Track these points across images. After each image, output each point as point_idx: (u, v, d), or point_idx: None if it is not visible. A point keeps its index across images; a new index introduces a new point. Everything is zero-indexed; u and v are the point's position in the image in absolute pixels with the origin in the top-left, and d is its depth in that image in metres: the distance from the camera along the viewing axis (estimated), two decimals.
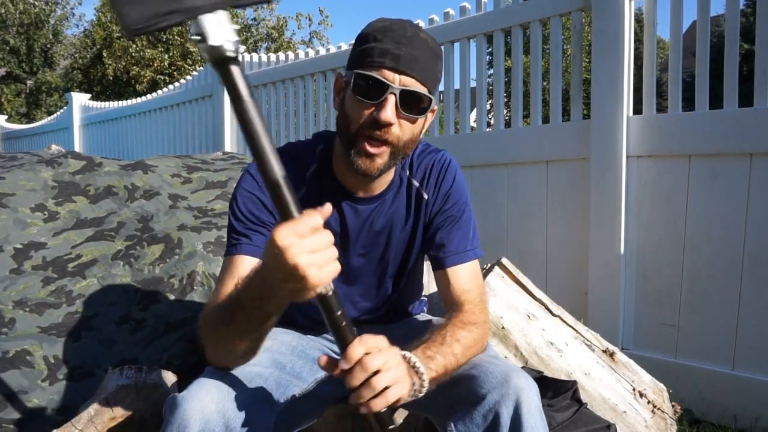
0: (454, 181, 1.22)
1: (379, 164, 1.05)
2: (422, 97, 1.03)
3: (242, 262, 1.08)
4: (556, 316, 1.85)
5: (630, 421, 1.72)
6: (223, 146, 4.84)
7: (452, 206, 1.21)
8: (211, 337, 1.00)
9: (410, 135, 1.07)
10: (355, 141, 1.05)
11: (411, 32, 1.03)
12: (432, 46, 1.06)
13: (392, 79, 1.01)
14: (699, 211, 2.31)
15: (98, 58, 15.77)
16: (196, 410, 0.91)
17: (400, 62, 1.01)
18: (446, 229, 1.20)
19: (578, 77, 2.73)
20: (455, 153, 1.37)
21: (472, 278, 1.20)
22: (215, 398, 0.94)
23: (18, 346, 1.58)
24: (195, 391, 0.95)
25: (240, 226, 1.11)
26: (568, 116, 2.84)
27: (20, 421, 1.43)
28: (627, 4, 2.44)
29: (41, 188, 2.05)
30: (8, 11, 17.11)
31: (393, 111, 1.01)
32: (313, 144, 1.20)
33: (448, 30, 3.17)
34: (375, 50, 1.02)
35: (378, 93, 1.01)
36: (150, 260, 1.89)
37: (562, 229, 2.71)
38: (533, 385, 1.03)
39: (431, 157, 1.22)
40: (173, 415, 0.92)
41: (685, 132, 2.32)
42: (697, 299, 2.33)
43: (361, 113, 1.03)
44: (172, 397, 0.96)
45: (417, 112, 1.04)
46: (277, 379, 1.10)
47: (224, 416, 0.93)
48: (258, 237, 1.10)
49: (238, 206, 1.12)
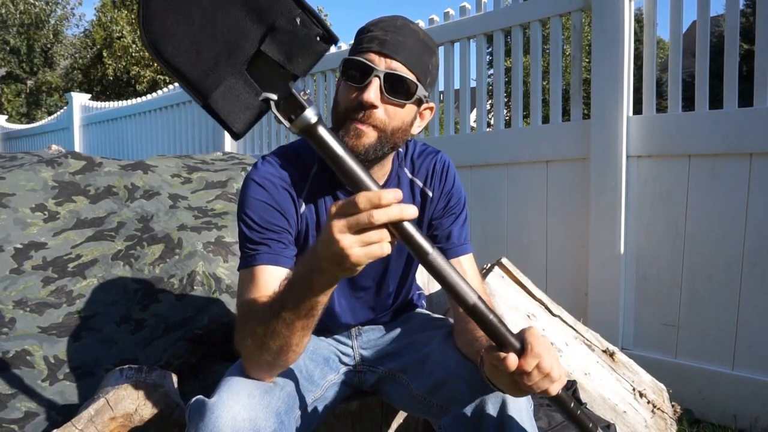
0: (455, 181, 1.27)
1: (365, 143, 1.05)
2: (408, 81, 1.04)
3: (264, 272, 1.06)
4: (556, 316, 1.85)
5: (630, 421, 1.72)
6: (223, 146, 4.84)
7: (455, 204, 1.26)
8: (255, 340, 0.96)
9: (399, 123, 1.07)
10: (343, 123, 1.06)
11: (401, 23, 1.06)
12: (423, 38, 1.07)
13: (377, 63, 1.03)
14: (699, 211, 2.32)
15: (98, 58, 15.78)
16: (227, 418, 0.91)
17: (386, 46, 1.03)
18: (451, 223, 1.25)
19: (578, 77, 2.73)
20: (455, 153, 1.39)
21: (477, 273, 1.26)
22: (246, 405, 0.94)
23: (18, 346, 1.58)
24: (226, 398, 0.94)
25: (256, 236, 1.09)
26: (568, 116, 2.84)
27: (20, 421, 1.43)
28: (627, 4, 2.44)
29: (41, 188, 2.05)
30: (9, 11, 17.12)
31: (377, 93, 1.02)
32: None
33: (448, 30, 3.17)
34: (364, 38, 1.06)
35: (364, 76, 1.03)
36: (150, 260, 1.89)
37: (562, 229, 2.71)
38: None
39: (432, 158, 1.26)
40: (203, 420, 0.91)
41: (685, 132, 2.32)
42: (697, 299, 2.33)
43: (348, 97, 1.05)
44: (200, 401, 0.95)
45: (404, 96, 1.05)
46: (297, 384, 1.12)
47: (254, 424, 0.93)
48: (275, 244, 1.09)
49: (249, 216, 1.10)
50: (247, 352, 0.99)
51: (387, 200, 0.75)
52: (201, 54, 0.75)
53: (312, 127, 0.77)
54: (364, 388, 1.33)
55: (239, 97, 0.77)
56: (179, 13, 0.74)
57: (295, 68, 0.77)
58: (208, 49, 0.75)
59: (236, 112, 0.77)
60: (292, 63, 0.77)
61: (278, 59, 0.76)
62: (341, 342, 1.32)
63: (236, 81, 0.77)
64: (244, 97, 0.77)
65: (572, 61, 2.73)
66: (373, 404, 1.40)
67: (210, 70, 0.76)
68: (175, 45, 0.74)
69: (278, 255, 1.08)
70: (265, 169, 1.13)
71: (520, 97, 2.90)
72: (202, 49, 0.75)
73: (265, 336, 0.93)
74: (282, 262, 1.08)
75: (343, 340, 1.32)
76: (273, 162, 1.15)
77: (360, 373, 1.31)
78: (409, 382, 1.20)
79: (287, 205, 1.12)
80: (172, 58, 0.75)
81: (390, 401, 1.31)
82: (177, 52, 0.75)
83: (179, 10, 0.74)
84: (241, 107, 0.77)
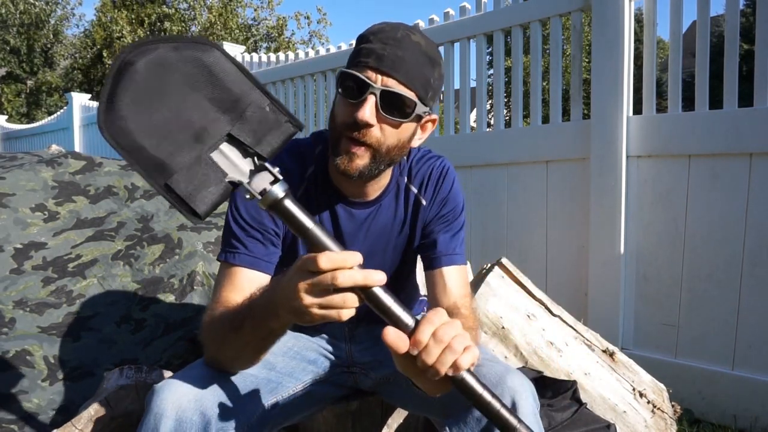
0: (452, 188, 1.22)
1: (359, 165, 1.03)
2: (405, 99, 1.00)
3: (241, 274, 1.07)
4: (556, 316, 1.85)
5: (630, 421, 1.72)
6: None
7: (449, 212, 1.21)
8: (215, 341, 1.00)
9: (395, 141, 1.04)
10: (339, 140, 1.04)
11: (402, 34, 1.01)
12: (425, 50, 1.03)
13: (374, 79, 0.99)
14: (699, 211, 2.32)
15: (98, 58, 15.77)
16: (172, 399, 0.93)
17: (383, 62, 0.99)
18: (440, 232, 1.20)
19: (578, 77, 2.73)
20: (455, 153, 1.38)
21: (465, 284, 1.20)
22: (192, 388, 0.95)
23: (18, 346, 1.58)
24: (173, 381, 0.96)
25: (240, 232, 1.09)
26: (568, 116, 2.84)
27: (20, 421, 1.43)
28: (627, 4, 2.44)
29: (41, 188, 2.05)
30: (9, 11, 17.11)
31: (372, 111, 0.99)
32: (312, 144, 1.19)
33: (448, 30, 3.17)
34: (363, 50, 1.01)
35: (359, 92, 1.00)
36: (150, 260, 1.89)
37: (562, 229, 2.71)
38: (529, 386, 1.02)
39: (430, 164, 1.22)
40: (150, 403, 0.93)
41: (685, 132, 2.32)
42: (697, 299, 2.33)
43: (344, 112, 1.03)
44: (152, 387, 0.97)
45: (400, 115, 1.01)
46: (267, 377, 1.12)
47: (201, 405, 0.94)
48: (257, 247, 1.09)
49: (238, 210, 1.10)
50: (206, 346, 1.02)
51: (351, 263, 0.75)
52: (165, 139, 0.77)
53: (279, 201, 0.77)
54: (362, 388, 1.33)
55: (204, 178, 0.78)
56: (144, 107, 0.76)
57: (263, 149, 0.80)
58: (173, 135, 0.77)
59: (200, 193, 0.77)
60: (261, 144, 0.80)
61: (248, 142, 0.79)
62: (332, 344, 1.31)
63: (199, 164, 0.78)
64: (209, 179, 0.78)
65: (572, 61, 2.73)
66: (373, 404, 1.40)
67: (173, 153, 0.77)
68: (137, 131, 0.76)
69: (258, 259, 1.08)
70: None
71: (520, 97, 2.90)
72: (167, 135, 0.77)
73: (223, 343, 0.97)
74: (261, 266, 1.09)
75: (335, 342, 1.32)
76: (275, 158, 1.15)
77: (354, 375, 1.31)
78: (407, 383, 1.19)
79: None
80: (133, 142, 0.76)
81: (390, 400, 1.31)
82: (139, 137, 0.76)
83: (144, 105, 0.76)
84: (205, 188, 0.78)
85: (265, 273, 1.09)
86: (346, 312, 0.77)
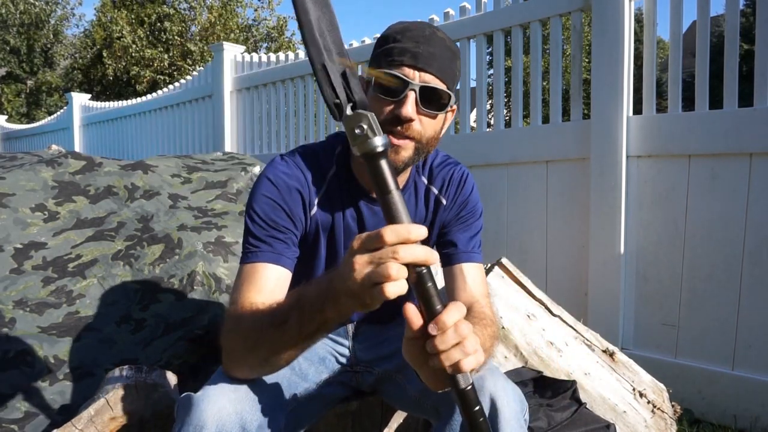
0: (472, 192, 1.28)
1: (404, 157, 1.07)
2: (441, 93, 1.06)
3: (264, 271, 1.06)
4: (556, 316, 1.85)
5: (630, 421, 1.72)
6: (223, 146, 4.84)
7: (468, 214, 1.26)
8: (245, 341, 0.96)
9: (432, 131, 1.10)
10: None
11: (429, 32, 1.07)
12: (449, 45, 1.09)
13: (412, 76, 1.04)
14: (699, 211, 2.32)
15: (98, 58, 15.76)
16: (212, 411, 0.91)
17: (419, 60, 1.04)
18: (460, 231, 1.25)
19: (578, 77, 2.73)
20: (455, 153, 1.39)
21: (483, 282, 1.23)
22: (232, 399, 0.94)
23: (18, 346, 1.58)
24: (211, 391, 0.94)
25: (259, 232, 1.09)
26: (568, 116, 2.84)
27: (20, 421, 1.43)
28: (627, 4, 2.44)
29: (41, 188, 2.05)
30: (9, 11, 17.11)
31: (413, 107, 1.04)
32: (330, 145, 1.21)
33: (448, 30, 3.17)
34: (395, 50, 1.05)
35: (399, 90, 1.04)
36: (150, 260, 1.89)
37: (562, 229, 2.71)
38: (512, 390, 1.02)
39: (450, 169, 1.27)
40: (189, 415, 0.91)
41: (685, 132, 2.32)
42: (697, 299, 2.33)
43: (382, 110, 1.06)
44: (186, 396, 0.95)
45: (437, 108, 1.07)
46: (289, 380, 1.12)
47: (240, 417, 0.93)
48: (279, 244, 1.09)
49: (256, 211, 1.10)
50: (232, 350, 0.98)
51: (415, 237, 0.71)
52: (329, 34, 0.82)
53: (377, 155, 0.75)
54: (362, 388, 1.33)
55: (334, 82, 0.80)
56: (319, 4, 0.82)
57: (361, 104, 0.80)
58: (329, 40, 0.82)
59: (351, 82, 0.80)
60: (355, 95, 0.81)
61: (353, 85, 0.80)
62: (338, 342, 1.32)
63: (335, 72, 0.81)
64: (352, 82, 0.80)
65: (572, 61, 2.73)
66: (373, 404, 1.40)
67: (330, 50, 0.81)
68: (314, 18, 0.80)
69: (280, 255, 1.08)
70: (281, 168, 1.14)
71: (520, 97, 2.90)
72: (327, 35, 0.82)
73: (258, 342, 0.93)
74: (283, 262, 1.08)
75: (340, 340, 1.32)
76: (289, 161, 1.15)
77: (357, 374, 1.31)
78: (405, 383, 1.20)
79: (296, 206, 1.13)
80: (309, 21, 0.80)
81: (389, 401, 1.32)
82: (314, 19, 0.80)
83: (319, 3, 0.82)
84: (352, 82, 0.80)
85: (288, 269, 1.09)
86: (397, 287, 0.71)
